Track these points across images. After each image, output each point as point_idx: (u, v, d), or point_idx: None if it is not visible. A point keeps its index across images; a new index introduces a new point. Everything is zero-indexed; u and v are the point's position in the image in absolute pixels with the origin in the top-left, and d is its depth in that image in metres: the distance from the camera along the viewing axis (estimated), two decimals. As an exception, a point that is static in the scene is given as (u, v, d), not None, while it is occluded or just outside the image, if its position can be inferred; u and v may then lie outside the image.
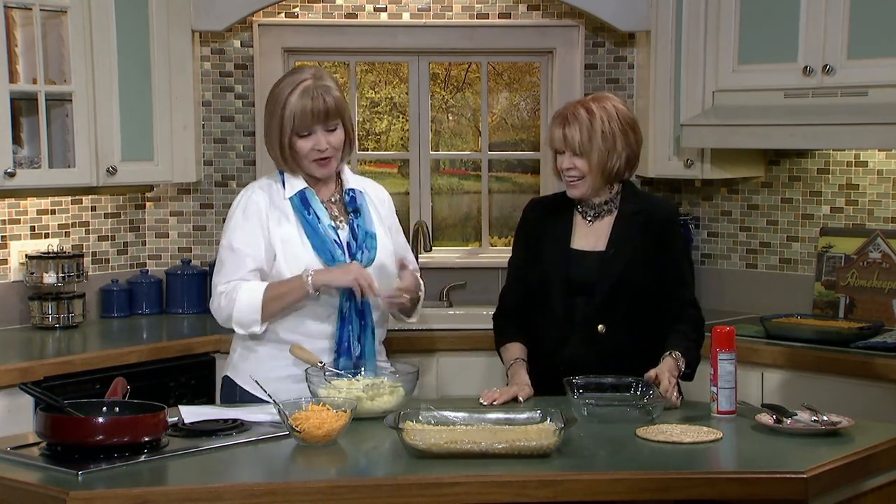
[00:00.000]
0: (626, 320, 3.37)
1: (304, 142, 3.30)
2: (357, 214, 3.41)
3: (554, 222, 3.48)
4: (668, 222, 3.46)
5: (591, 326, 3.37)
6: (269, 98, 3.35)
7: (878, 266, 4.56)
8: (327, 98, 3.27)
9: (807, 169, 4.82)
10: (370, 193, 3.50)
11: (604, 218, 3.44)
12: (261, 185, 3.41)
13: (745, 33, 4.54)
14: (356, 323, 3.35)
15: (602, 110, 3.36)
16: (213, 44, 5.05)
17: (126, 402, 2.94)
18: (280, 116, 3.28)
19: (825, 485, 2.68)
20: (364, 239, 3.39)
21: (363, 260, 3.35)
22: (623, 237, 3.40)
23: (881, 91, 4.16)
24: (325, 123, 3.29)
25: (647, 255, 3.39)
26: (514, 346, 3.47)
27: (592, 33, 5.14)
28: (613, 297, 3.36)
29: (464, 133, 5.50)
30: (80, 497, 2.49)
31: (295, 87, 3.27)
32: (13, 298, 4.58)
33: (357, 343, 3.35)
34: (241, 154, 5.10)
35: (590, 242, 3.43)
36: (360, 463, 2.83)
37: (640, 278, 3.38)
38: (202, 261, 5.04)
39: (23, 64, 4.34)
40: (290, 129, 3.28)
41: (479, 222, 5.33)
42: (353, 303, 3.33)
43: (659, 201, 3.56)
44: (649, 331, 3.38)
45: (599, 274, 3.38)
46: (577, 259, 3.41)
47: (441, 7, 5.12)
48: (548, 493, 2.59)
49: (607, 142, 3.34)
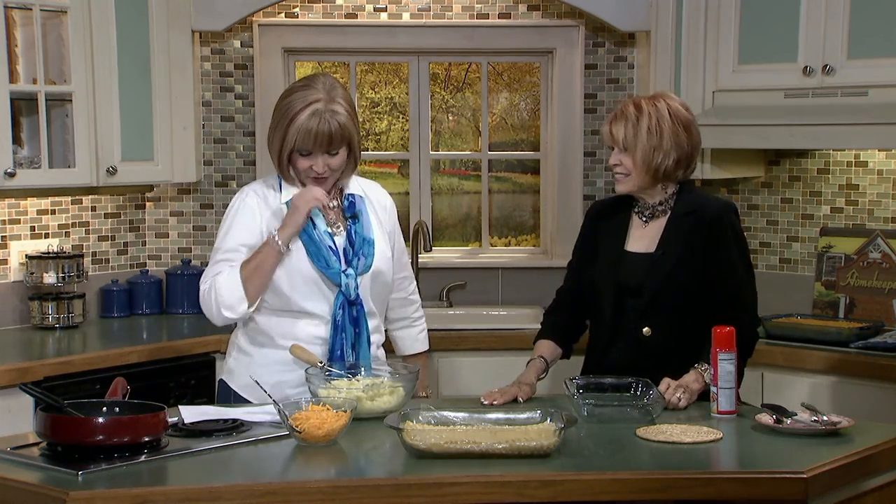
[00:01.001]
0: (671, 323, 3.32)
1: (304, 161, 3.28)
2: (355, 220, 3.39)
3: (610, 224, 3.46)
4: (716, 220, 3.34)
5: (637, 329, 3.34)
6: (279, 106, 3.30)
7: (878, 266, 4.56)
8: (333, 124, 3.23)
9: (807, 169, 4.82)
10: (371, 197, 3.47)
11: (658, 219, 3.40)
12: (255, 188, 3.39)
13: (745, 33, 4.54)
14: (350, 331, 3.32)
15: (653, 108, 3.34)
16: (213, 44, 5.05)
17: (126, 402, 2.94)
18: (284, 130, 3.25)
19: (825, 485, 2.68)
20: (361, 245, 3.36)
21: (359, 267, 3.33)
22: (673, 238, 3.35)
23: (881, 91, 4.16)
24: (328, 147, 3.27)
25: (695, 256, 3.32)
26: (544, 343, 3.48)
27: (592, 33, 5.14)
28: (659, 299, 3.32)
29: (464, 133, 5.50)
30: (80, 497, 2.49)
31: (306, 106, 3.23)
32: (13, 298, 4.58)
33: (351, 351, 3.32)
34: (241, 154, 5.10)
35: (643, 244, 3.39)
36: (360, 463, 2.83)
37: (687, 280, 3.31)
38: (202, 261, 5.04)
39: (23, 64, 4.34)
40: (292, 147, 3.26)
41: (479, 222, 5.33)
42: (346, 311, 3.31)
43: (712, 200, 3.45)
44: (697, 334, 3.28)
45: (647, 276, 3.34)
46: (629, 261, 3.38)
47: (441, 7, 5.12)
48: (548, 493, 2.59)
49: (652, 139, 3.30)
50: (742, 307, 3.34)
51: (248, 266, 3.25)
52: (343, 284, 3.29)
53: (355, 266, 3.32)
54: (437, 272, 5.11)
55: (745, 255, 3.40)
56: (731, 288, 3.32)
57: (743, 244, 3.39)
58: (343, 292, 3.30)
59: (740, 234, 3.40)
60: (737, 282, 3.34)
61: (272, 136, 3.32)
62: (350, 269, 3.31)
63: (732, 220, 3.39)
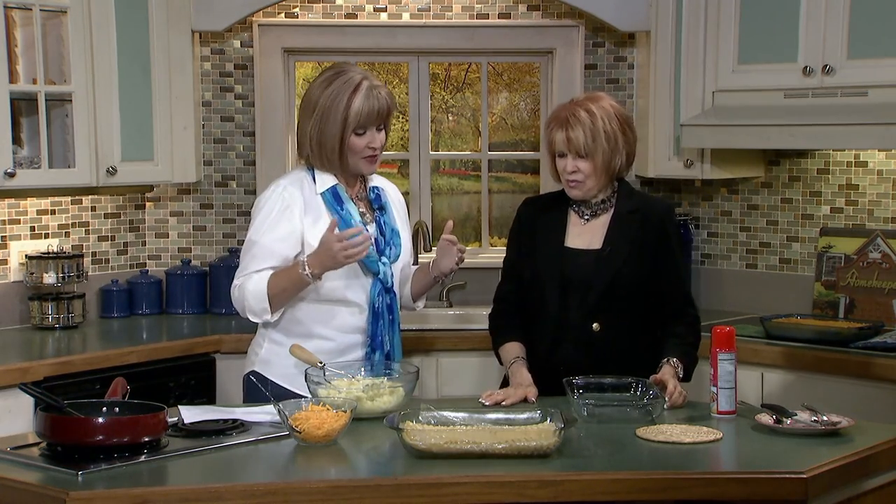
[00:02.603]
0: (620, 319, 3.37)
1: (360, 139, 3.36)
2: (382, 211, 3.49)
3: (547, 220, 3.48)
4: (664, 221, 3.45)
5: (586, 325, 3.37)
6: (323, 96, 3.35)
7: (878, 266, 4.56)
8: (384, 97, 3.37)
9: (807, 169, 4.82)
10: (387, 191, 3.57)
11: (599, 216, 3.44)
12: (291, 180, 3.43)
13: (745, 33, 4.54)
14: (386, 318, 3.41)
15: (601, 110, 3.35)
16: (213, 44, 5.05)
17: (126, 402, 2.95)
18: (345, 113, 3.33)
19: (825, 485, 2.68)
20: (391, 236, 3.46)
21: (391, 256, 3.43)
22: (619, 235, 3.39)
23: (881, 91, 4.16)
24: (385, 121, 3.40)
25: (643, 254, 3.38)
26: (513, 345, 3.46)
27: (592, 33, 5.14)
28: (608, 296, 3.36)
29: (464, 133, 5.50)
30: (80, 497, 2.49)
31: (357, 88, 3.34)
32: (13, 298, 4.58)
33: (387, 338, 3.41)
34: (240, 154, 5.10)
35: (585, 241, 3.43)
36: (360, 463, 2.83)
37: (636, 277, 3.37)
38: (202, 261, 5.04)
39: (23, 64, 4.34)
40: (353, 128, 3.34)
41: (479, 222, 5.33)
42: (384, 297, 3.39)
43: (655, 200, 3.56)
44: (645, 329, 3.39)
45: (595, 272, 3.37)
46: (571, 257, 3.41)
47: (441, 7, 5.12)
48: (548, 493, 2.59)
49: (610, 142, 3.34)
50: (688, 302, 3.46)
51: (275, 285, 3.30)
52: (381, 272, 3.39)
53: (388, 255, 3.42)
54: (437, 272, 5.11)
55: (685, 248, 3.50)
56: (677, 284, 3.43)
57: (685, 240, 3.49)
58: (381, 280, 3.39)
59: (680, 232, 3.49)
60: (681, 278, 3.45)
61: (322, 126, 3.35)
62: (384, 258, 3.41)
63: (675, 220, 3.59)
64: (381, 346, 3.40)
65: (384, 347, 3.40)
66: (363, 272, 3.39)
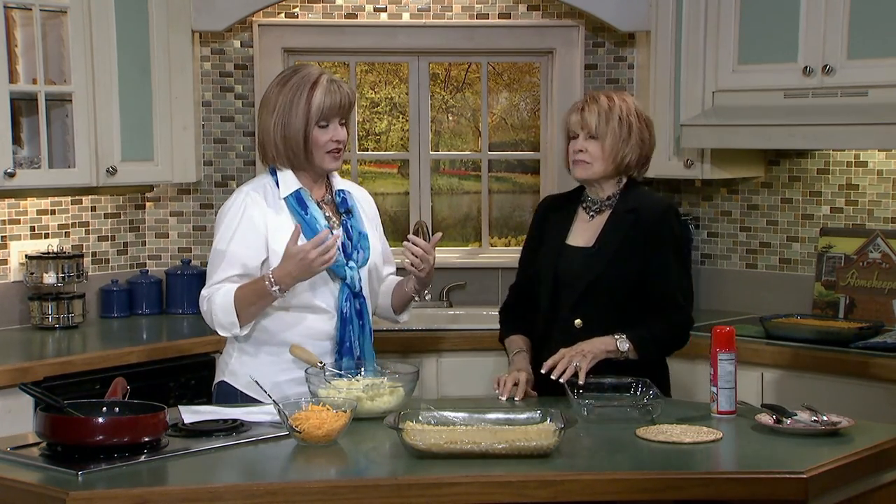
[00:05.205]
0: (602, 316, 3.37)
1: (323, 133, 3.32)
2: (349, 215, 3.43)
3: (556, 218, 3.52)
4: (659, 220, 3.41)
5: (570, 321, 3.40)
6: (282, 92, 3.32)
7: (878, 266, 4.56)
8: (345, 90, 3.35)
9: (807, 169, 4.82)
10: (354, 193, 3.52)
11: (603, 214, 3.46)
12: (254, 186, 3.40)
13: (745, 33, 4.54)
14: (356, 323, 3.36)
15: (622, 101, 3.42)
16: (213, 44, 5.05)
17: (126, 402, 2.94)
18: (307, 106, 3.30)
19: (825, 485, 2.68)
20: (358, 239, 3.41)
21: (358, 260, 3.38)
22: (611, 234, 3.40)
23: (881, 91, 4.16)
24: (346, 114, 3.37)
25: (633, 253, 3.37)
26: (517, 338, 3.52)
27: (592, 33, 5.14)
28: (590, 293, 3.38)
29: (464, 133, 5.50)
30: (80, 497, 2.49)
31: (316, 82, 3.31)
32: (13, 298, 4.58)
33: (357, 343, 3.36)
34: (240, 154, 5.10)
35: (584, 238, 3.45)
36: (360, 463, 2.83)
37: (621, 275, 3.37)
38: (202, 261, 5.03)
39: (23, 64, 4.34)
40: (316, 120, 3.31)
41: (479, 222, 5.33)
42: (352, 302, 3.34)
43: (656, 199, 3.51)
44: (628, 328, 3.36)
45: (582, 269, 3.40)
46: (567, 255, 3.44)
47: (441, 7, 5.12)
48: (548, 493, 2.59)
49: (623, 129, 3.37)
50: (675, 307, 3.39)
51: (242, 299, 3.25)
52: (348, 277, 3.34)
53: (356, 259, 3.37)
54: (437, 272, 5.04)
55: (681, 256, 3.44)
56: (664, 288, 3.38)
57: (680, 245, 3.45)
58: (348, 285, 3.34)
59: (679, 235, 3.45)
60: (670, 283, 3.39)
61: (286, 120, 3.31)
62: (352, 262, 3.35)
63: (672, 222, 3.45)
64: (349, 351, 3.33)
65: (353, 353, 3.33)
66: (331, 277, 3.33)
